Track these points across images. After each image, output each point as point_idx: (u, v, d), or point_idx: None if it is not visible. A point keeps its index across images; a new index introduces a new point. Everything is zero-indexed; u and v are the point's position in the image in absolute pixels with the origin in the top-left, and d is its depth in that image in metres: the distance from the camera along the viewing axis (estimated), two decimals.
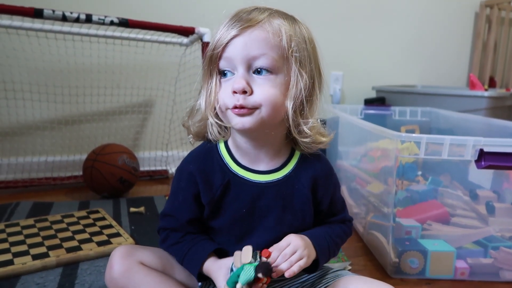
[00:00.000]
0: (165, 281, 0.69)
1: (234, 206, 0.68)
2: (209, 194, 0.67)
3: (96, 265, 0.95)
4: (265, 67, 0.61)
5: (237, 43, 0.60)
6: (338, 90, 2.23)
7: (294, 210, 0.69)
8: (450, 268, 0.96)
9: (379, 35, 2.31)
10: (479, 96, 1.73)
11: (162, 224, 0.72)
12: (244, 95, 0.60)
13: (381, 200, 1.06)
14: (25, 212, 1.27)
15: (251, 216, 0.68)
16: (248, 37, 0.60)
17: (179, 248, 0.69)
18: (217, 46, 0.62)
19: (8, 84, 1.51)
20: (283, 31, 0.61)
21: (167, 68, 1.75)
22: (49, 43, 1.52)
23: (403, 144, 0.91)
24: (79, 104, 1.65)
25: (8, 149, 1.59)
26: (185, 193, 0.69)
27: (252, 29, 0.60)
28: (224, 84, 0.64)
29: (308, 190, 0.69)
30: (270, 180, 0.68)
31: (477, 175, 1.04)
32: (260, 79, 0.61)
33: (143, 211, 1.31)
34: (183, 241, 0.69)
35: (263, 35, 0.60)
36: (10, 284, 0.85)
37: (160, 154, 1.86)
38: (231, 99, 0.61)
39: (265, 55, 0.60)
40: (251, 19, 0.61)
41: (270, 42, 0.60)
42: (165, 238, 0.71)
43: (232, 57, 0.61)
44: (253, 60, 0.61)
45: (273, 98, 0.61)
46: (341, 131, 1.48)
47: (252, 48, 0.60)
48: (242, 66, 0.61)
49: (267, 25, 0.61)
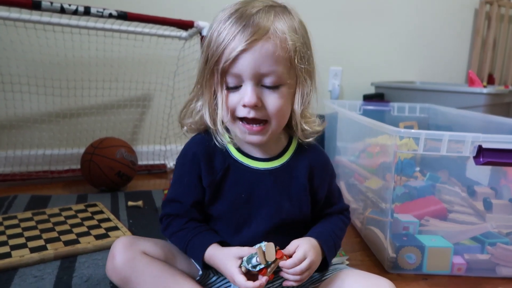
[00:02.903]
0: (168, 270, 0.69)
1: (233, 191, 0.69)
2: (210, 176, 0.68)
3: (94, 258, 0.95)
4: (275, 83, 0.62)
5: (246, 60, 0.59)
6: (337, 86, 2.23)
7: (292, 198, 0.70)
8: (447, 264, 0.96)
9: (378, 30, 2.30)
10: (477, 93, 1.73)
11: (166, 211, 0.72)
12: (255, 108, 0.62)
13: (379, 196, 1.06)
14: (23, 205, 1.27)
15: (249, 204, 0.69)
16: (257, 53, 0.59)
17: (182, 236, 0.69)
18: (223, 59, 0.60)
19: (5, 77, 1.50)
20: (289, 40, 0.60)
21: (166, 62, 1.75)
22: (47, 36, 1.51)
23: (401, 140, 0.91)
24: (77, 98, 1.64)
25: (6, 142, 1.58)
26: (190, 175, 0.69)
27: (260, 43, 0.59)
28: (231, 94, 0.63)
29: (305, 179, 0.71)
30: (268, 167, 0.69)
31: (475, 172, 1.04)
32: (270, 91, 0.62)
33: (141, 205, 1.31)
34: (186, 228, 0.69)
35: (271, 50, 0.59)
36: (8, 277, 0.85)
37: (159, 148, 1.85)
38: (242, 111, 0.62)
39: (275, 72, 0.61)
40: (258, 28, 0.58)
41: (278, 56, 0.60)
42: (167, 225, 0.71)
43: (241, 73, 0.61)
44: (262, 77, 0.61)
45: (283, 109, 0.63)
46: (340, 126, 1.48)
47: (262, 65, 0.60)
48: (252, 80, 0.61)
49: (273, 35, 0.59)
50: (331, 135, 1.58)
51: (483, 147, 0.87)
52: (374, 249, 1.07)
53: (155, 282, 0.67)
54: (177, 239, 0.70)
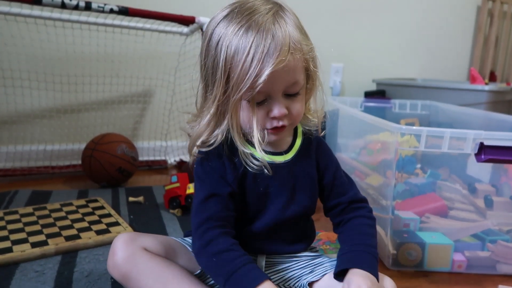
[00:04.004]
0: (169, 266, 0.69)
1: (251, 187, 0.69)
2: (235, 172, 0.68)
3: (95, 254, 0.95)
4: (297, 90, 0.64)
5: (274, 78, 0.59)
6: (338, 82, 2.22)
7: (303, 188, 0.72)
8: (447, 261, 0.96)
9: (380, 27, 2.29)
10: (479, 90, 1.73)
11: (204, 215, 0.65)
12: (283, 117, 0.64)
13: (380, 193, 1.06)
14: (24, 200, 1.27)
15: (265, 196, 0.70)
16: (283, 70, 0.59)
17: (226, 260, 0.60)
18: (253, 82, 0.58)
19: (6, 72, 1.50)
20: (304, 49, 0.62)
21: (167, 57, 1.74)
22: (47, 31, 1.51)
23: (403, 137, 0.91)
24: (78, 93, 1.64)
25: (7, 137, 1.58)
26: (219, 171, 0.68)
27: (286, 61, 0.59)
28: (259, 108, 0.63)
29: (314, 168, 0.73)
30: (282, 161, 0.71)
31: (476, 169, 1.04)
32: (292, 98, 0.65)
33: (142, 201, 1.31)
34: (231, 249, 0.62)
35: (294, 64, 0.61)
36: (9, 271, 0.85)
37: (159, 144, 1.85)
38: (270, 122, 0.64)
39: (298, 81, 0.63)
40: (281, 46, 0.58)
41: (299, 67, 0.63)
42: (209, 241, 0.62)
43: (269, 91, 0.62)
44: (288, 88, 0.63)
45: (302, 111, 0.67)
46: (341, 123, 1.47)
47: (288, 79, 0.62)
48: (279, 94, 0.63)
49: (293, 48, 0.60)
50: (332, 132, 1.58)
51: (485, 144, 0.86)
52: None
53: (156, 278, 0.67)
54: (219, 262, 0.61)
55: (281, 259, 0.77)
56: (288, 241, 0.76)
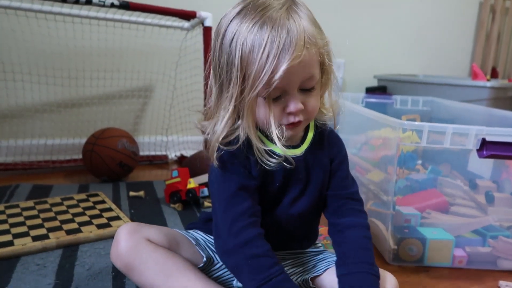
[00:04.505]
0: (171, 258, 0.69)
1: (271, 181, 0.69)
2: (257, 168, 0.67)
3: (96, 247, 0.95)
4: (313, 85, 0.64)
5: (291, 73, 0.59)
6: (339, 78, 2.22)
7: (316, 182, 0.72)
8: (448, 256, 0.96)
9: (382, 23, 2.29)
10: (481, 86, 1.72)
11: (236, 210, 0.63)
12: (300, 112, 0.63)
13: (381, 188, 1.06)
14: (25, 194, 1.27)
15: (282, 190, 0.70)
16: (299, 65, 0.59)
17: (264, 266, 0.61)
18: (269, 79, 0.58)
19: (7, 66, 1.50)
20: (319, 43, 0.62)
21: (168, 52, 1.74)
22: (48, 25, 1.50)
23: (404, 132, 0.91)
24: (79, 88, 1.64)
25: (8, 132, 1.58)
26: (244, 164, 0.66)
27: (302, 56, 0.58)
28: (276, 105, 0.63)
29: (327, 159, 0.73)
30: (297, 154, 0.70)
31: (477, 165, 1.04)
32: (308, 93, 0.64)
33: (143, 195, 1.31)
34: (268, 256, 0.62)
35: (309, 58, 0.60)
36: (10, 265, 0.86)
37: (160, 139, 1.85)
38: (286, 118, 0.63)
39: (313, 76, 0.63)
40: (296, 41, 0.57)
41: (313, 60, 0.62)
42: (246, 242, 0.62)
43: (285, 86, 0.61)
44: (304, 82, 0.62)
45: (317, 106, 0.66)
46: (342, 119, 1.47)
47: (303, 74, 0.61)
48: (296, 89, 0.62)
49: (308, 43, 0.60)
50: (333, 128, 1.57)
51: (486, 140, 0.86)
52: (376, 241, 1.07)
53: (159, 269, 0.67)
54: (253, 266, 0.61)
55: (285, 255, 0.77)
56: (296, 238, 0.76)
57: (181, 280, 0.67)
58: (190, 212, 1.21)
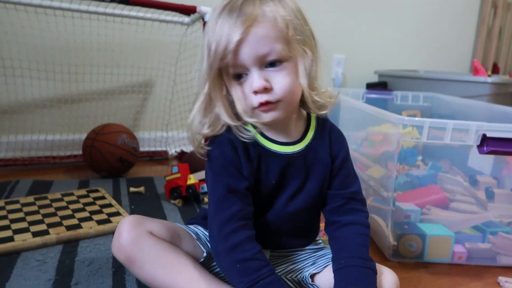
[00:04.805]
0: (173, 251, 0.69)
1: (265, 178, 0.68)
2: (249, 166, 0.67)
3: (96, 243, 0.95)
4: (277, 59, 0.62)
5: (245, 48, 0.60)
6: (340, 74, 2.21)
7: (316, 178, 0.71)
8: (448, 252, 0.96)
9: (382, 18, 2.27)
10: (482, 82, 1.72)
11: (225, 213, 0.64)
12: (266, 91, 0.62)
13: (381, 184, 1.06)
14: (25, 190, 1.27)
15: (278, 188, 0.69)
16: (252, 39, 0.60)
17: (252, 269, 0.61)
18: (224, 56, 0.61)
19: (6, 61, 1.49)
20: (279, 19, 0.61)
21: (168, 47, 1.73)
22: (48, 20, 1.50)
23: (405, 128, 0.90)
24: (79, 83, 1.64)
25: (8, 127, 1.58)
26: (234, 164, 0.67)
27: (252, 29, 0.60)
28: (240, 86, 0.64)
29: (328, 156, 0.72)
30: (295, 150, 0.69)
31: (477, 161, 1.04)
32: (275, 71, 0.63)
33: (143, 191, 1.31)
34: (258, 259, 0.62)
35: (264, 31, 0.61)
36: (11, 260, 0.86)
37: (160, 134, 1.85)
38: (255, 99, 0.62)
39: (273, 50, 0.61)
40: (248, 17, 0.60)
41: (272, 35, 0.61)
42: (235, 246, 0.62)
43: (243, 62, 0.61)
44: (263, 58, 0.62)
45: (291, 85, 0.63)
46: (342, 114, 1.47)
47: (260, 48, 0.61)
48: (255, 65, 0.62)
49: (263, 17, 0.61)
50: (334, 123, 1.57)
51: (487, 136, 0.86)
52: (375, 237, 1.07)
53: (160, 262, 0.67)
54: (242, 269, 0.61)
55: (285, 252, 0.77)
56: (297, 235, 0.75)
57: (182, 274, 0.67)
58: (190, 208, 1.21)
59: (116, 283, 0.79)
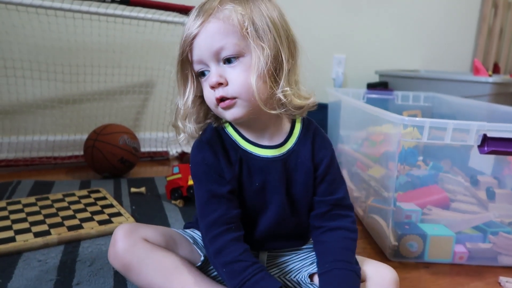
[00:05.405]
0: (169, 257, 0.69)
1: (248, 182, 0.68)
2: (231, 170, 0.67)
3: (98, 244, 0.96)
4: (231, 55, 0.62)
5: (199, 43, 0.62)
6: (340, 74, 2.21)
7: (300, 183, 0.70)
8: (449, 252, 0.96)
9: (383, 18, 2.27)
10: (483, 81, 1.72)
11: (209, 218, 0.65)
12: (221, 87, 0.63)
13: (382, 184, 1.06)
14: (26, 191, 1.27)
15: (264, 192, 0.69)
16: (206, 33, 0.62)
17: (237, 271, 0.62)
18: (183, 50, 0.64)
19: (7, 62, 1.50)
20: (233, 14, 0.62)
21: (168, 48, 1.73)
22: (49, 20, 1.50)
23: (405, 128, 0.90)
24: (80, 83, 1.64)
25: (9, 128, 1.58)
26: (215, 168, 0.67)
27: (206, 24, 0.62)
28: (204, 83, 0.65)
29: (310, 161, 0.70)
30: (276, 154, 0.69)
31: (478, 161, 1.04)
32: (231, 67, 0.63)
33: (144, 192, 1.32)
34: (242, 260, 0.63)
35: (217, 26, 0.61)
36: (12, 261, 0.86)
37: (161, 135, 1.85)
38: (212, 94, 0.64)
39: (226, 44, 0.62)
40: (205, 11, 0.62)
41: (225, 30, 0.62)
42: (220, 249, 0.63)
43: (200, 57, 0.63)
44: (218, 53, 0.62)
45: (247, 81, 0.62)
46: (343, 114, 1.47)
47: (213, 43, 0.62)
48: (212, 61, 0.63)
49: (218, 13, 0.62)
50: (334, 123, 1.57)
51: (488, 136, 0.86)
52: (376, 237, 1.07)
53: (156, 268, 0.68)
54: (231, 272, 0.62)
55: (282, 252, 0.77)
56: (290, 238, 0.75)
57: (179, 279, 0.67)
58: (191, 208, 1.21)
59: (117, 283, 0.79)
